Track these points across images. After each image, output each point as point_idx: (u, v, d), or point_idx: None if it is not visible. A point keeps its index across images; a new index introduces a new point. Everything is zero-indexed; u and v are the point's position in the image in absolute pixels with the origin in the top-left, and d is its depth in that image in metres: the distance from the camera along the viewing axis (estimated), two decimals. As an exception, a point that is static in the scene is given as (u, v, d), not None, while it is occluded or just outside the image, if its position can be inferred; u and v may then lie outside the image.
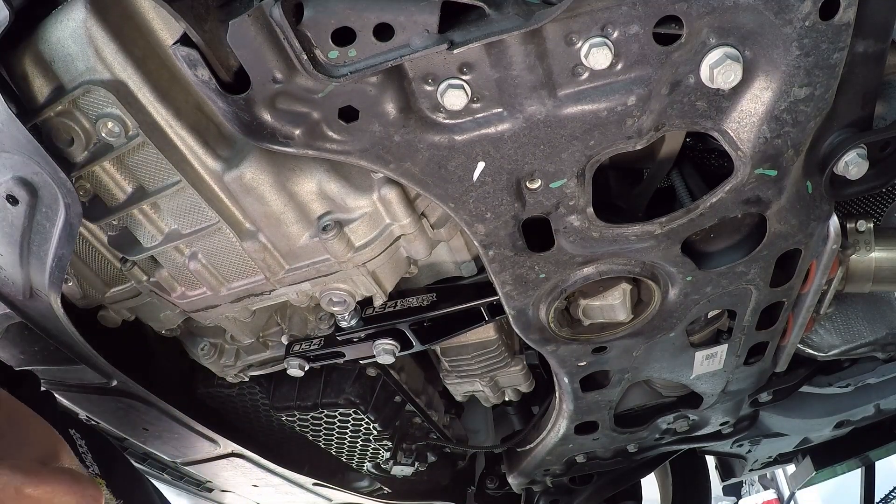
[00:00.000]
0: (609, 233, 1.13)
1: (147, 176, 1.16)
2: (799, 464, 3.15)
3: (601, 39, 0.85)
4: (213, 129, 1.12)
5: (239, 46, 0.82)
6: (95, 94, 1.02)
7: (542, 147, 0.98)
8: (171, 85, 1.06)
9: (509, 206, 1.06)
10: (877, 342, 1.76)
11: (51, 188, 1.04)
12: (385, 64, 0.84)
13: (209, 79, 0.85)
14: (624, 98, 0.92)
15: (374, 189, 1.19)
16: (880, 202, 1.65)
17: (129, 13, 1.00)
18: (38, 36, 0.99)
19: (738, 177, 1.04)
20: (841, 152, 1.06)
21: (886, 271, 1.45)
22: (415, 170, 1.00)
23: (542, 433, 1.96)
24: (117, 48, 0.99)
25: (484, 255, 1.15)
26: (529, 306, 1.28)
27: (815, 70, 0.90)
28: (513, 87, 0.90)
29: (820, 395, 2.23)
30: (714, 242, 1.24)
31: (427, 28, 0.81)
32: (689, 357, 1.57)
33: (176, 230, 1.24)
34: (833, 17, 0.85)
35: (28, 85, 1.03)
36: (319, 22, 0.81)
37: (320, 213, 1.21)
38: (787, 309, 1.46)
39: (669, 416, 1.96)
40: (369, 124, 0.94)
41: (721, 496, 5.35)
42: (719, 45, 0.88)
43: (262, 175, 1.13)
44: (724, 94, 0.94)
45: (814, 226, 1.20)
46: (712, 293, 1.31)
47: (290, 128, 0.92)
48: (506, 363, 1.88)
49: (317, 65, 0.84)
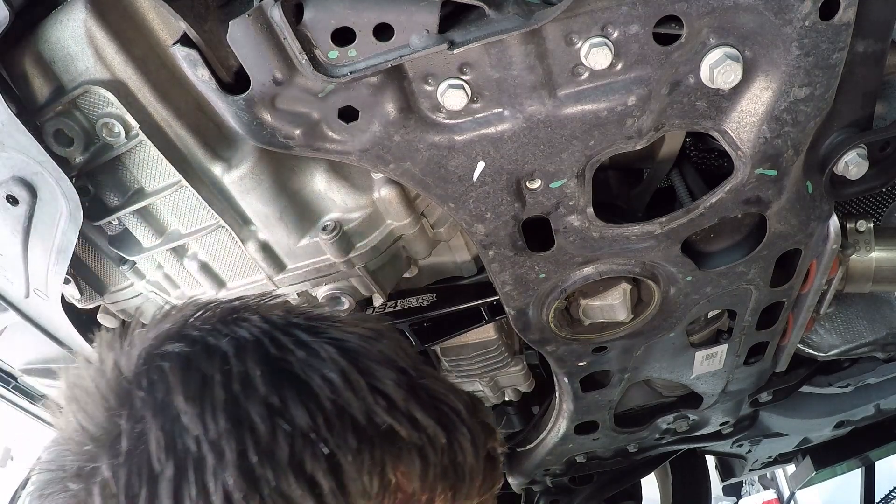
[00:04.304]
0: (609, 233, 1.13)
1: (147, 176, 1.16)
2: (799, 464, 3.16)
3: (601, 39, 0.85)
4: (213, 129, 1.12)
5: (239, 46, 0.82)
6: (95, 94, 1.02)
7: (542, 147, 0.97)
8: (171, 85, 1.05)
9: (509, 206, 1.06)
10: (877, 342, 1.77)
11: (51, 188, 1.04)
12: (385, 64, 0.84)
13: (209, 79, 0.85)
14: (624, 98, 0.92)
15: (374, 189, 1.19)
16: (880, 202, 1.65)
17: (129, 13, 1.00)
18: (38, 36, 0.99)
19: (738, 177, 1.04)
20: (841, 152, 1.06)
21: (886, 271, 1.45)
22: (415, 170, 1.00)
23: (542, 433, 1.96)
24: (117, 48, 0.99)
25: (484, 255, 1.15)
26: (529, 306, 1.28)
27: (815, 70, 0.90)
28: (513, 87, 0.90)
29: (820, 395, 2.23)
30: (714, 242, 1.24)
31: (427, 28, 0.81)
32: (689, 357, 1.57)
33: (176, 230, 1.24)
34: (833, 17, 0.85)
35: (28, 85, 1.03)
36: (319, 22, 0.81)
37: (320, 213, 1.21)
38: (787, 309, 1.46)
39: (669, 416, 1.96)
40: (369, 124, 0.94)
41: (721, 496, 5.35)
42: (719, 45, 0.88)
43: (263, 175, 1.13)
44: (724, 94, 0.94)
45: (814, 226, 1.20)
46: (712, 293, 1.31)
47: (290, 128, 0.92)
48: (506, 363, 1.87)
49: (317, 65, 0.84)
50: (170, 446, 0.70)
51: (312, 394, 0.74)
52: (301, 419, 0.72)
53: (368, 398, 0.76)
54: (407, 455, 0.77)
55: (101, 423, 0.75)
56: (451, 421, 0.83)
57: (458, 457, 0.82)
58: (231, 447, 0.70)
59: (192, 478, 0.69)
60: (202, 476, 0.69)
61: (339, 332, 0.83)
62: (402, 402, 0.78)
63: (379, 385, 0.78)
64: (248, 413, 0.72)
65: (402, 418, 0.77)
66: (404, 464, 0.76)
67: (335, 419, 0.74)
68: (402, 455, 0.76)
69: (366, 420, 0.75)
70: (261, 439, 0.71)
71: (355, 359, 0.79)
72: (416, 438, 0.78)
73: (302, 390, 0.74)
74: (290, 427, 0.71)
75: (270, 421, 0.71)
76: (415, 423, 0.78)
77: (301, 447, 0.71)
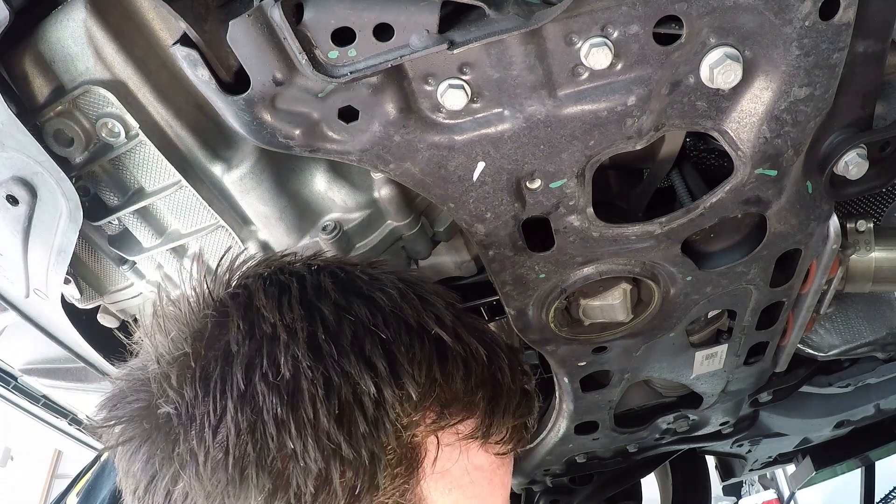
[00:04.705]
0: (609, 233, 1.13)
1: (147, 176, 1.16)
2: (799, 464, 3.15)
3: (601, 39, 0.85)
4: (213, 129, 1.12)
5: (239, 46, 0.82)
6: (95, 94, 1.02)
7: (542, 147, 0.97)
8: (171, 85, 1.05)
9: (509, 206, 1.06)
10: (877, 342, 1.76)
11: (51, 188, 1.04)
12: (385, 64, 0.84)
13: (209, 79, 0.85)
14: (624, 98, 0.92)
15: (374, 189, 1.19)
16: (880, 202, 1.65)
17: (129, 13, 1.00)
18: (38, 36, 0.99)
19: (738, 177, 1.04)
20: (841, 152, 1.06)
21: (886, 271, 1.45)
22: (415, 170, 1.00)
23: (541, 433, 1.96)
24: (117, 48, 0.99)
25: (484, 255, 1.15)
26: (529, 306, 1.28)
27: (815, 70, 0.90)
28: (513, 87, 0.90)
29: (820, 395, 2.23)
30: (714, 242, 1.24)
31: (427, 28, 0.81)
32: (689, 357, 1.57)
33: (176, 230, 1.24)
34: (833, 17, 0.85)
35: (28, 85, 1.03)
36: (319, 22, 0.81)
37: (320, 213, 1.21)
38: (787, 309, 1.46)
39: (669, 417, 1.96)
40: (369, 124, 0.94)
41: (721, 496, 5.35)
42: (719, 45, 0.88)
43: (263, 175, 1.13)
44: (724, 94, 0.94)
45: (814, 226, 1.20)
46: (712, 293, 1.31)
47: (290, 128, 0.92)
48: (506, 363, 1.87)
49: (317, 65, 0.84)
50: (248, 331, 0.81)
51: (374, 301, 0.86)
52: (363, 315, 0.84)
53: (421, 311, 0.89)
54: (452, 359, 0.88)
55: (191, 321, 0.85)
56: (492, 346, 0.95)
57: (497, 374, 0.93)
58: (303, 328, 0.80)
59: (266, 353, 0.79)
60: (274, 352, 0.78)
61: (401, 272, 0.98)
62: (450, 321, 0.91)
63: (430, 305, 0.91)
64: (320, 307, 0.83)
65: (449, 330, 0.89)
66: (450, 365, 0.87)
67: (392, 319, 0.85)
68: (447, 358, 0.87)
69: (419, 327, 0.87)
70: (329, 325, 0.81)
71: (412, 285, 0.93)
72: (460, 350, 0.89)
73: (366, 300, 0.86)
74: (354, 318, 0.83)
75: (337, 314, 0.83)
76: (459, 337, 0.90)
77: (363, 334, 0.82)
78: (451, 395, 0.87)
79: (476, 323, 0.98)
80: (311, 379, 0.77)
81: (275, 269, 0.92)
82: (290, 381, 0.77)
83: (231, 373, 0.77)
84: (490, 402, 0.91)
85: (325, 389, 0.77)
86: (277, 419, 0.75)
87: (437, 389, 0.85)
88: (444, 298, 0.95)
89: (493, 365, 0.93)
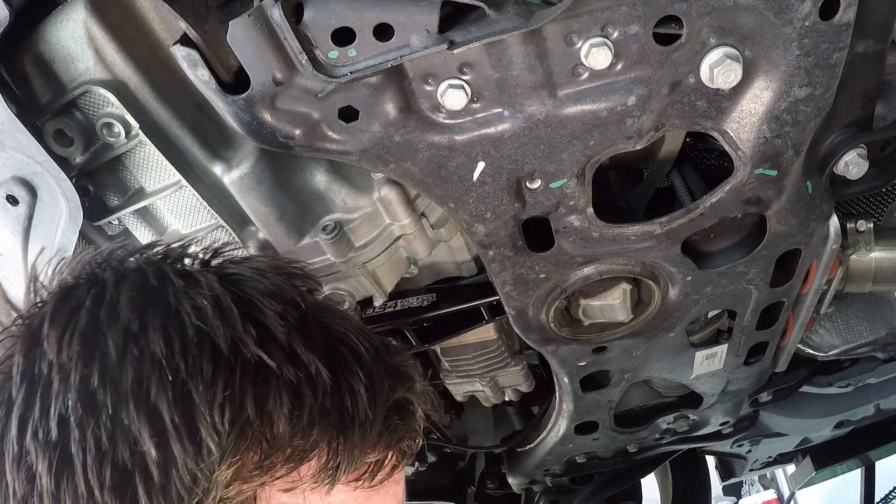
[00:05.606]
0: (609, 233, 1.13)
1: (147, 176, 1.16)
2: (799, 464, 3.15)
3: (601, 39, 0.85)
4: (213, 129, 1.12)
5: (239, 46, 0.82)
6: (95, 94, 1.02)
7: (542, 147, 0.98)
8: (171, 85, 1.05)
9: (509, 206, 1.06)
10: (877, 342, 1.77)
11: (51, 188, 1.04)
12: (385, 64, 0.84)
13: (209, 79, 0.85)
14: (624, 98, 0.92)
15: (374, 189, 1.19)
16: (880, 202, 1.65)
17: (129, 13, 1.00)
18: (38, 36, 0.99)
19: (738, 177, 1.04)
20: (841, 152, 1.06)
21: (886, 271, 1.45)
22: (415, 170, 1.00)
23: (542, 433, 1.96)
24: (117, 48, 0.99)
25: (484, 255, 1.15)
26: (529, 306, 1.28)
27: (815, 70, 0.90)
28: (513, 87, 0.90)
29: (820, 395, 2.23)
30: (714, 242, 1.24)
31: (427, 28, 0.81)
32: (689, 357, 1.57)
33: (176, 230, 1.24)
34: (833, 17, 0.85)
35: (28, 85, 1.03)
36: (319, 22, 0.81)
37: (320, 213, 1.21)
38: (787, 309, 1.46)
39: (669, 416, 1.96)
40: (369, 124, 0.94)
41: (721, 496, 5.35)
42: (719, 45, 0.88)
43: (263, 175, 1.13)
44: (724, 94, 0.94)
45: (814, 226, 1.20)
46: (712, 293, 1.31)
47: (291, 128, 0.92)
48: (506, 363, 1.87)
49: (317, 65, 0.84)
50: (26, 372, 0.68)
51: (177, 320, 0.69)
52: (156, 345, 0.66)
53: (238, 327, 0.69)
54: (275, 392, 0.69)
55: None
56: (345, 361, 0.75)
57: (346, 401, 0.73)
58: (77, 371, 0.66)
59: (39, 403, 0.66)
60: (47, 400, 0.65)
61: (236, 266, 0.78)
62: (282, 335, 0.71)
63: (256, 315, 0.71)
64: (105, 338, 0.67)
65: (276, 351, 0.70)
66: (271, 400, 0.68)
67: (194, 346, 0.67)
68: (269, 391, 0.68)
69: (230, 350, 0.68)
70: (108, 364, 0.65)
71: (236, 288, 0.73)
72: (290, 375, 0.70)
73: (167, 317, 0.69)
74: (140, 353, 0.66)
75: (123, 346, 0.66)
76: (293, 358, 0.71)
77: (148, 373, 0.65)
78: (274, 436, 0.69)
79: (332, 325, 0.77)
80: (78, 441, 0.63)
81: (88, 276, 0.74)
82: (57, 442, 0.64)
83: (9, 427, 0.66)
84: (336, 439, 0.72)
85: (95, 453, 0.63)
86: (49, 493, 0.63)
87: (253, 433, 0.67)
88: (287, 295, 0.76)
89: (341, 389, 0.73)
